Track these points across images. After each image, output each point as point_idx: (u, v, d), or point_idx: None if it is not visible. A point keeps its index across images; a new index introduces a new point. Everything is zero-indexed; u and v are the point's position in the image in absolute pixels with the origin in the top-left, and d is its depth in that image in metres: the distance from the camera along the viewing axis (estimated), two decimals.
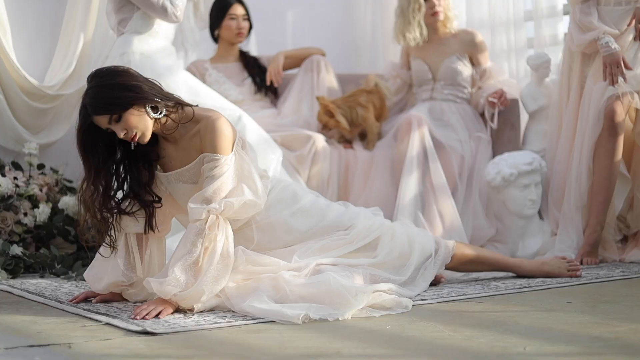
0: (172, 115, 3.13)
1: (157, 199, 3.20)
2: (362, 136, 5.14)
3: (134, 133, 3.05)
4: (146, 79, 3.14)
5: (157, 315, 2.87)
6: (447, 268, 3.51)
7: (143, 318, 2.83)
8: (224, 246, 2.99)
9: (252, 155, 3.28)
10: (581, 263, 4.17)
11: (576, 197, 4.40)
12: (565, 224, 4.42)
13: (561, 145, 4.60)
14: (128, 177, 3.21)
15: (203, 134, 3.11)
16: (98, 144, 3.09)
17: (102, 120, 3.03)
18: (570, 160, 4.49)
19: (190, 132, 3.15)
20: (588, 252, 4.27)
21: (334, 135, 5.04)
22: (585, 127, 4.37)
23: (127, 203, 3.20)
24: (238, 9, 5.29)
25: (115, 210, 3.18)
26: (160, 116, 3.09)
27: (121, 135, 3.04)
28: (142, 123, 3.05)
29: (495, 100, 4.94)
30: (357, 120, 4.99)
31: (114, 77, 3.06)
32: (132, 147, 3.13)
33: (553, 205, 4.63)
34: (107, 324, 2.75)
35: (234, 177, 3.10)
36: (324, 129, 5.00)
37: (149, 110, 3.07)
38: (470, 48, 5.19)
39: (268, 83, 5.27)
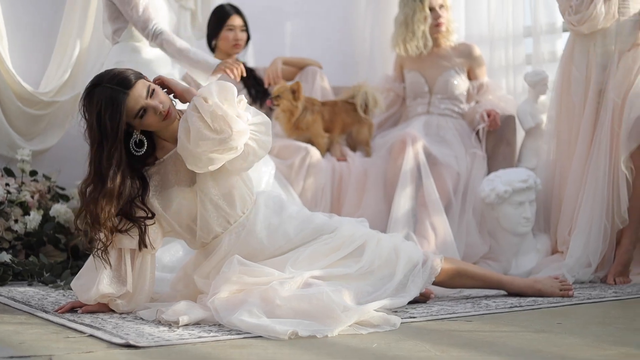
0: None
1: (150, 214, 3.17)
2: (353, 146, 5.11)
3: (167, 107, 3.12)
4: None
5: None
6: (436, 283, 3.45)
7: None
8: None
9: None
10: (614, 282, 4.11)
11: (601, 218, 4.21)
12: (571, 244, 4.26)
13: (575, 163, 4.41)
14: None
15: None
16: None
17: (141, 94, 3.07)
18: (585, 180, 4.31)
19: None
20: (620, 272, 4.18)
21: (279, 117, 4.99)
22: (612, 143, 4.21)
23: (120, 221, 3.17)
24: (236, 20, 5.27)
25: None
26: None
27: (159, 108, 3.08)
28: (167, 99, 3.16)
29: (485, 119, 4.94)
30: (300, 123, 4.96)
31: (121, 70, 3.15)
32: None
33: (561, 224, 4.51)
34: (91, 335, 2.72)
35: None
36: (276, 99, 4.91)
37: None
38: (469, 61, 5.17)
39: (266, 86, 5.26)
